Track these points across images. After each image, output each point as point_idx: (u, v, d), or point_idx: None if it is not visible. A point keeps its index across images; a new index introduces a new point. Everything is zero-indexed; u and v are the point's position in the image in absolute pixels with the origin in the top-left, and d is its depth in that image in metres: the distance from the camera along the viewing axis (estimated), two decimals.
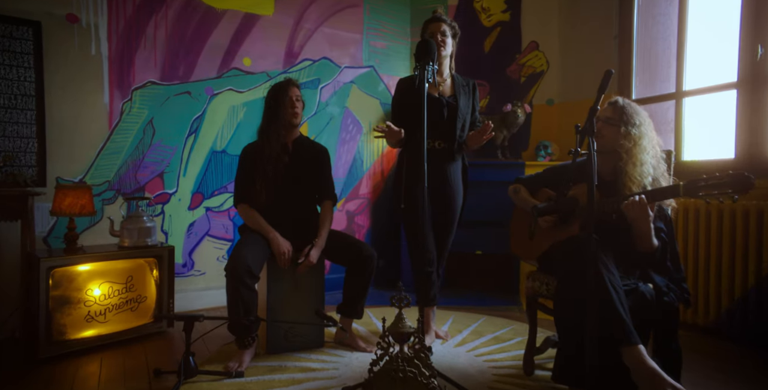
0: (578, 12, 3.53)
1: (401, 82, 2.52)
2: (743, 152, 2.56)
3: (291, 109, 2.33)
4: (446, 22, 2.44)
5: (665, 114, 3.13)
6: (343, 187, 3.57)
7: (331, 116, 3.51)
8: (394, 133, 2.25)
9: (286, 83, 2.37)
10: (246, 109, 3.14)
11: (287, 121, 2.33)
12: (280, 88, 2.35)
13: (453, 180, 2.46)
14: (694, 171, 2.65)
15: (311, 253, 2.24)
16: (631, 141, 1.94)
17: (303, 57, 3.36)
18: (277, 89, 2.36)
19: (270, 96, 2.37)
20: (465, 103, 2.44)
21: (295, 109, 2.34)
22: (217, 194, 3.05)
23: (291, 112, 2.33)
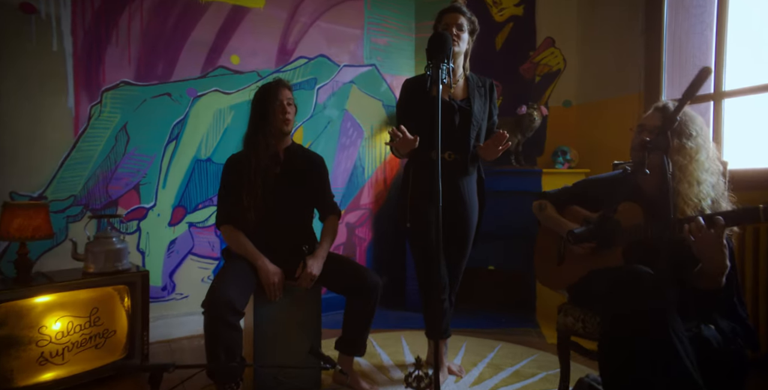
0: (599, 5, 3.17)
1: (407, 84, 2.17)
2: None
3: (281, 116, 1.97)
4: (465, 15, 2.08)
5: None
6: (342, 197, 3.21)
7: (329, 120, 3.15)
8: (408, 142, 1.89)
9: (275, 85, 2.01)
10: (234, 113, 2.78)
11: (277, 128, 1.98)
12: (268, 91, 2.00)
13: (467, 196, 2.10)
14: (742, 182, 2.30)
15: (310, 263, 1.90)
16: (686, 156, 1.59)
17: (298, 54, 3.00)
18: (265, 92, 2.00)
19: (257, 99, 2.02)
20: (480, 108, 2.09)
21: (286, 115, 1.98)
22: (202, 208, 2.69)
23: (281, 119, 1.97)
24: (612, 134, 3.07)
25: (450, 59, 1.68)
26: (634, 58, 2.93)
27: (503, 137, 1.89)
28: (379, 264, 3.38)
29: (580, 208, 1.91)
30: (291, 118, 2.01)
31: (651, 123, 1.68)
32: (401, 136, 1.86)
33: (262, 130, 1.98)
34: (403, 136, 1.86)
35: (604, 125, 3.12)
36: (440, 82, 1.64)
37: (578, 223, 1.81)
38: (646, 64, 2.87)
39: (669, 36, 2.80)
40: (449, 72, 1.68)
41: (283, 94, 2.00)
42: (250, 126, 2.02)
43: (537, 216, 2.01)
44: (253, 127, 2.01)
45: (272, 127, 1.98)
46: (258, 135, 1.98)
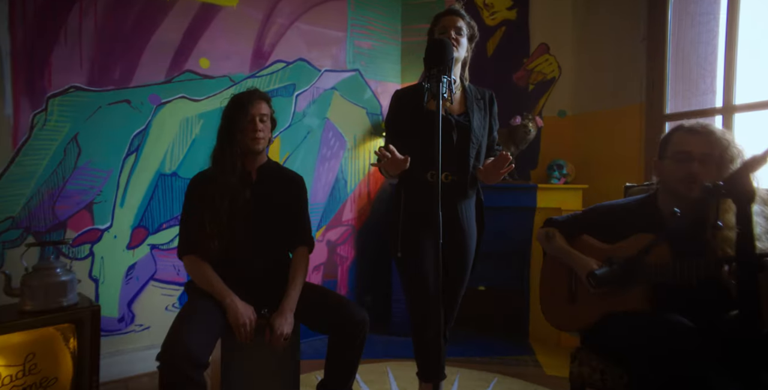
0: (596, 9, 2.97)
1: (398, 95, 1.91)
2: None
3: (251, 133, 1.71)
4: (464, 18, 1.83)
5: None
6: (323, 213, 2.94)
7: (308, 129, 2.87)
8: (398, 163, 1.64)
9: (248, 96, 1.74)
10: (203, 122, 2.48)
11: (246, 147, 1.71)
12: (239, 103, 1.73)
13: (466, 222, 1.86)
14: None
15: (278, 324, 1.61)
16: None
17: (275, 58, 2.72)
18: (236, 104, 1.73)
19: (226, 111, 1.75)
20: (480, 123, 1.84)
21: (256, 133, 1.71)
22: (166, 228, 2.39)
23: (251, 137, 1.71)
24: (610, 147, 2.87)
25: (452, 70, 1.44)
26: (635, 67, 2.74)
27: (506, 159, 1.64)
28: (363, 284, 3.12)
29: (592, 238, 1.69)
30: (263, 136, 1.74)
31: (700, 150, 1.44)
32: (389, 156, 1.60)
33: (230, 147, 1.70)
34: (392, 156, 1.61)
35: (602, 138, 2.92)
36: (440, 97, 1.40)
37: (593, 257, 1.58)
38: (647, 73, 2.68)
39: (673, 44, 2.61)
40: (450, 85, 1.43)
41: (256, 108, 1.73)
42: (218, 140, 1.75)
43: (543, 245, 1.78)
44: (220, 143, 1.73)
45: (241, 144, 1.71)
46: (225, 152, 1.71)
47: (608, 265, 1.45)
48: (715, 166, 1.42)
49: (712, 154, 1.41)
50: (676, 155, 1.47)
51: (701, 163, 1.42)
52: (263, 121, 1.75)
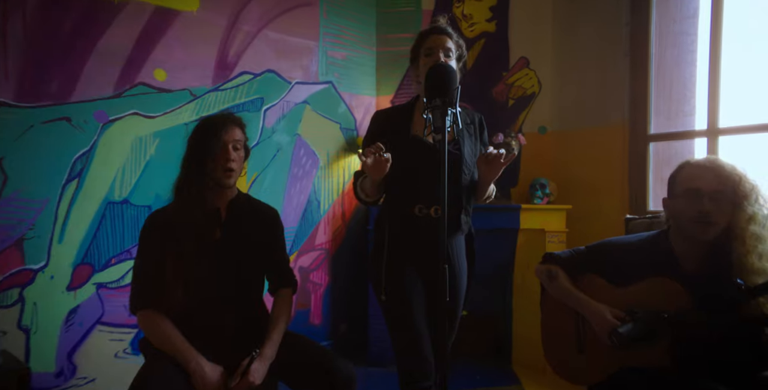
0: (577, 24, 2.85)
1: (379, 118, 1.69)
2: None
3: (223, 164, 1.44)
4: (452, 37, 1.62)
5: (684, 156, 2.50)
6: (295, 238, 2.66)
7: (278, 147, 2.59)
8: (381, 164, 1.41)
9: (221, 121, 1.47)
10: (159, 141, 2.16)
11: (216, 180, 1.44)
12: (209, 129, 1.45)
13: (457, 259, 1.65)
14: None
15: (253, 368, 1.36)
16: (757, 224, 1.24)
17: (240, 69, 2.42)
18: (206, 129, 1.45)
19: (194, 138, 1.47)
20: (471, 151, 1.64)
21: (228, 163, 1.44)
22: (115, 263, 2.05)
23: (222, 168, 1.44)
24: (593, 167, 2.75)
25: (457, 101, 1.23)
26: (617, 85, 2.62)
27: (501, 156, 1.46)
28: (338, 311, 2.86)
29: (598, 277, 1.52)
30: (236, 167, 1.47)
31: (710, 187, 1.30)
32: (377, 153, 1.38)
33: (198, 179, 1.43)
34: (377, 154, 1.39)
35: (584, 156, 2.80)
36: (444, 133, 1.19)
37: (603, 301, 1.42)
38: (630, 91, 2.57)
39: (655, 63, 2.51)
40: (457, 118, 1.22)
41: (230, 135, 1.45)
42: (183, 172, 1.46)
43: (544, 284, 1.60)
44: (185, 175, 1.45)
45: (210, 177, 1.43)
46: (191, 186, 1.43)
47: (631, 320, 1.28)
48: (728, 203, 1.29)
49: (724, 190, 1.28)
50: (685, 193, 1.34)
51: (712, 200, 1.29)
52: (236, 149, 1.48)
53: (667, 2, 2.49)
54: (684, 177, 1.37)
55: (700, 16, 2.45)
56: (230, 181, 1.47)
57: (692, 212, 1.30)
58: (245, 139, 1.52)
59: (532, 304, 2.71)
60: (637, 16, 2.52)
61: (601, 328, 1.37)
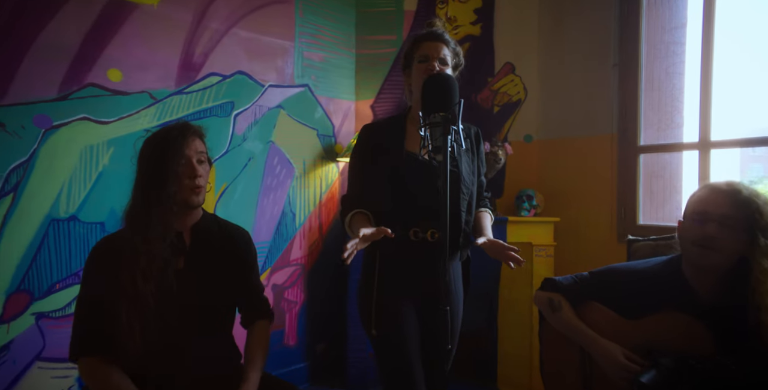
0: (562, 31, 2.72)
1: (369, 132, 1.51)
2: None
3: (188, 181, 1.22)
4: (449, 44, 1.46)
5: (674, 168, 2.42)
6: (268, 253, 2.43)
7: (250, 155, 2.36)
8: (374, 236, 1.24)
9: (178, 133, 1.24)
10: (114, 150, 1.90)
11: (181, 200, 1.22)
12: (166, 143, 1.22)
13: (454, 286, 1.49)
14: None
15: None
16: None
17: (208, 70, 2.18)
18: (162, 144, 1.22)
19: (148, 154, 1.24)
20: (469, 168, 1.48)
21: (195, 179, 1.23)
22: (60, 289, 1.78)
23: (188, 186, 1.22)
24: (581, 178, 2.63)
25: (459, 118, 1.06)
26: (605, 94, 2.51)
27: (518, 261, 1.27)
28: (315, 330, 2.64)
29: (604, 307, 1.37)
30: (203, 183, 1.26)
31: (720, 211, 1.19)
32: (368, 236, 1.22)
33: (156, 202, 1.20)
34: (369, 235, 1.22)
35: (571, 167, 2.67)
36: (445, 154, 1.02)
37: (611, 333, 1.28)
38: (620, 101, 2.46)
39: (645, 73, 2.41)
40: (459, 137, 1.05)
41: (192, 147, 1.23)
42: (136, 194, 1.23)
43: (545, 314, 1.44)
44: (140, 198, 1.22)
45: (173, 198, 1.20)
46: (149, 210, 1.20)
47: (653, 366, 1.13)
48: (740, 231, 1.17)
49: (736, 216, 1.16)
50: (692, 215, 1.23)
51: (721, 225, 1.17)
52: (201, 162, 1.26)
53: (657, 11, 2.39)
54: (696, 199, 1.27)
55: (689, 26, 2.37)
56: (199, 198, 1.26)
57: (695, 235, 1.20)
58: (206, 150, 1.31)
59: (519, 321, 2.60)
60: (626, 25, 2.41)
61: (614, 371, 1.22)
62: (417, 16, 2.88)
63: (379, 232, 1.23)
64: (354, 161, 1.50)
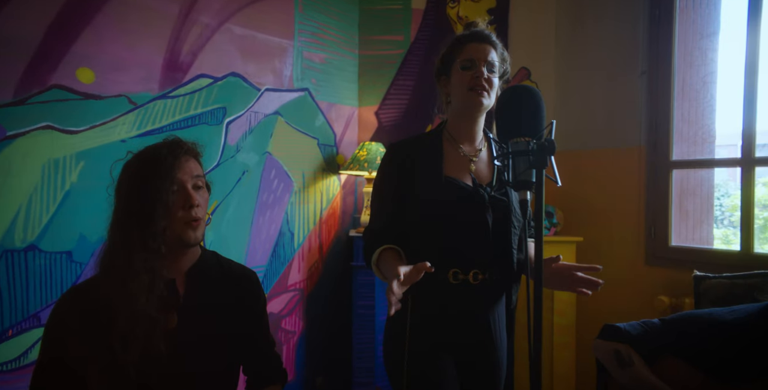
0: (582, 34, 2.50)
1: (398, 151, 1.25)
2: None
3: (184, 213, 0.95)
4: (497, 48, 1.22)
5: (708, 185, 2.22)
6: (263, 278, 2.13)
7: (244, 168, 2.06)
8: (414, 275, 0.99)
9: (168, 152, 0.96)
10: (84, 165, 1.58)
11: (174, 238, 0.95)
12: (153, 165, 0.94)
13: (498, 334, 1.24)
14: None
15: None
16: None
17: (197, 71, 1.87)
18: (148, 169, 0.94)
19: (128, 185, 0.95)
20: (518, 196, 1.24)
21: (191, 210, 0.95)
22: (14, 335, 1.45)
23: (183, 219, 0.95)
24: (604, 194, 2.41)
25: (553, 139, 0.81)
26: (631, 103, 2.30)
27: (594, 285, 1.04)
28: (314, 362, 2.36)
29: (685, 364, 1.14)
30: (202, 214, 0.97)
31: None
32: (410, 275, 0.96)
33: (140, 243, 0.91)
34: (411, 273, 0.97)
35: (594, 182, 2.45)
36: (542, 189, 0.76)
37: None
38: (648, 112, 2.25)
39: (678, 81, 2.20)
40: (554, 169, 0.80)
41: (187, 170, 0.96)
42: (114, 234, 0.95)
43: (610, 369, 1.20)
44: (119, 238, 0.94)
45: (163, 237, 0.92)
46: (130, 253, 0.91)
47: None
48: None
49: None
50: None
51: None
52: (198, 188, 0.98)
53: (692, 15, 2.19)
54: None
55: (722, 32, 2.18)
56: (197, 234, 0.98)
57: None
58: (203, 172, 1.03)
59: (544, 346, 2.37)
60: (657, 30, 2.20)
61: None
62: (426, 15, 2.62)
63: (418, 271, 0.97)
64: (380, 188, 1.23)
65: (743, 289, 1.28)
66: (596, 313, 2.23)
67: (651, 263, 2.20)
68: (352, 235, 2.26)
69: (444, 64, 1.24)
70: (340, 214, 2.48)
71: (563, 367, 2.27)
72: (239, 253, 1.98)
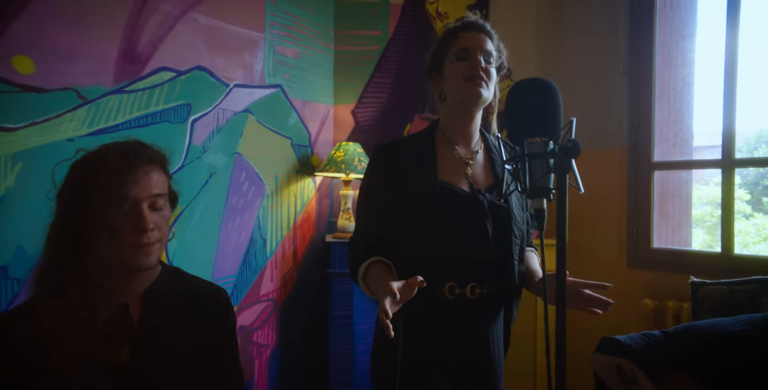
0: (563, 33, 2.45)
1: (386, 154, 1.12)
2: None
3: (134, 237, 0.78)
4: (493, 38, 1.11)
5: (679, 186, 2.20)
6: (233, 289, 1.96)
7: (211, 170, 1.88)
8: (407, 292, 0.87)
9: (121, 160, 0.79)
10: (22, 166, 1.37)
11: (122, 264, 0.79)
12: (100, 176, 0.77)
13: (495, 349, 1.14)
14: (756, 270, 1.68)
15: None
16: None
17: (157, 64, 1.68)
18: (92, 178, 0.77)
19: (70, 193, 0.78)
20: (519, 203, 1.14)
21: (143, 236, 0.78)
22: None
23: (133, 244, 0.79)
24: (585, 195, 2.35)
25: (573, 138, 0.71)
26: (612, 104, 2.25)
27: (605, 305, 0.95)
28: (289, 378, 2.20)
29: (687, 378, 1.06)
30: (156, 238, 0.82)
31: None
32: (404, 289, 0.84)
33: (78, 265, 0.76)
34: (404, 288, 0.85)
35: None
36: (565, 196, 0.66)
37: None
38: (630, 113, 2.21)
39: (659, 82, 2.17)
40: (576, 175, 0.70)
41: (144, 186, 0.80)
42: (50, 249, 0.78)
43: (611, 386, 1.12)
44: (56, 255, 0.78)
45: (111, 263, 0.77)
46: (66, 275, 0.76)
47: None
48: None
49: None
50: None
51: None
52: (156, 209, 0.82)
53: (671, 15, 2.16)
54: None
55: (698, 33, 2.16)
56: (149, 260, 0.82)
57: None
58: (169, 183, 0.87)
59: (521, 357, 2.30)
60: (638, 30, 2.16)
61: None
62: (404, 11, 2.50)
63: (411, 287, 0.86)
64: (366, 194, 1.10)
65: (742, 296, 1.23)
66: (579, 317, 2.17)
67: (633, 266, 2.15)
68: (329, 241, 2.12)
69: (436, 59, 1.13)
70: (316, 218, 2.34)
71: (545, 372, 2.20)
72: (206, 263, 1.81)
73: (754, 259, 1.83)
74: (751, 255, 1.92)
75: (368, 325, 2.10)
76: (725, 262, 1.82)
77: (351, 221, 2.15)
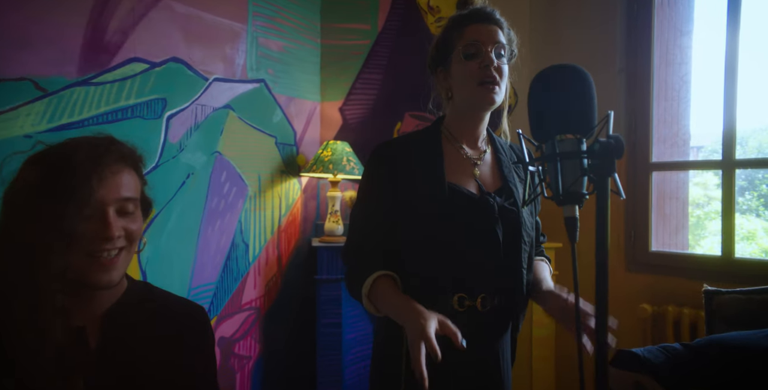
0: (557, 29, 2.37)
1: (387, 154, 1.01)
2: None
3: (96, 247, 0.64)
4: (503, 28, 1.00)
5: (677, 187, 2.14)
6: (213, 298, 1.82)
7: (189, 170, 1.74)
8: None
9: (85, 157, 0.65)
10: None
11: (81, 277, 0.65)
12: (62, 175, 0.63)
13: (504, 366, 1.04)
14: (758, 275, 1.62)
15: None
16: None
17: (129, 54, 1.54)
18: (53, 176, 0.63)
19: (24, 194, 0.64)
20: (528, 207, 1.05)
21: (104, 245, 0.64)
22: None
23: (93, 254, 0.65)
24: None
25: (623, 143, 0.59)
26: (609, 103, 2.18)
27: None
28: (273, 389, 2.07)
29: None
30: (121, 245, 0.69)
31: None
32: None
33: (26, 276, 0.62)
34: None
35: None
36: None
37: None
38: (627, 113, 2.14)
39: (657, 81, 2.11)
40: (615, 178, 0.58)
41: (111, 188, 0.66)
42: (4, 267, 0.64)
43: None
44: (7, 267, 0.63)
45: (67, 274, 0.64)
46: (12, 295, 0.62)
47: None
48: None
49: None
50: None
51: None
52: (126, 213, 0.69)
53: (670, 12, 2.09)
54: None
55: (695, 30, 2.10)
56: (110, 276, 0.69)
57: None
58: (142, 185, 0.74)
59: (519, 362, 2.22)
60: (635, 27, 2.09)
61: None
62: (395, 4, 2.39)
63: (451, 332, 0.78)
64: (365, 198, 0.99)
65: (760, 305, 1.15)
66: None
67: (632, 270, 2.09)
68: (315, 245, 2.00)
69: (440, 52, 1.02)
70: (301, 221, 2.21)
71: (542, 381, 2.12)
72: (184, 270, 1.67)
73: (757, 263, 1.78)
74: (753, 259, 1.87)
75: (357, 334, 1.98)
76: (726, 266, 1.77)
77: (339, 224, 2.03)
